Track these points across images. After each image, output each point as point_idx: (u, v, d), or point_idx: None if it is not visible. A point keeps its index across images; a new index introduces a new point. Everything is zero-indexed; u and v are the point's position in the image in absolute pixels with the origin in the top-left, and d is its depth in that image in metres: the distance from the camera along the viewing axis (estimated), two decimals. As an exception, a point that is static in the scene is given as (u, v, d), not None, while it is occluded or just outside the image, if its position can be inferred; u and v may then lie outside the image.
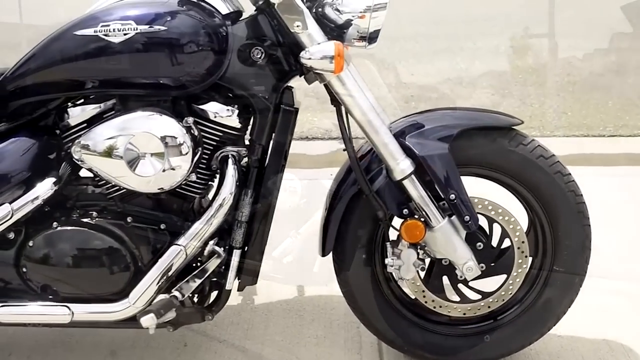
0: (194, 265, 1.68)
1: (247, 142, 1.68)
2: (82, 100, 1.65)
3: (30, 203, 1.62)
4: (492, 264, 1.74)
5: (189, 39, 1.51)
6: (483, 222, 1.73)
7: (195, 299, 1.72)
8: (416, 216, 1.66)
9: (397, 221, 1.72)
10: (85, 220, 1.65)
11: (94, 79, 1.57)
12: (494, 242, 1.75)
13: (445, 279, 1.77)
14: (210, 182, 1.70)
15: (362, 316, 1.81)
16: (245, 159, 1.66)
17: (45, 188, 1.62)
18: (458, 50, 5.05)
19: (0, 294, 1.70)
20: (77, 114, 1.62)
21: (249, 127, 1.66)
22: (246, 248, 1.68)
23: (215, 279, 1.71)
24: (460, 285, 1.78)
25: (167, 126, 1.52)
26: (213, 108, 1.59)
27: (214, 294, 1.75)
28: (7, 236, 1.67)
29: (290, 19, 1.50)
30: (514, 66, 4.73)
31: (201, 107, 1.59)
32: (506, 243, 1.75)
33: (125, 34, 1.50)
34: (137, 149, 1.51)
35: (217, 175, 1.69)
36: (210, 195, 1.74)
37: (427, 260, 1.74)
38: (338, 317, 2.07)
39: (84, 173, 1.74)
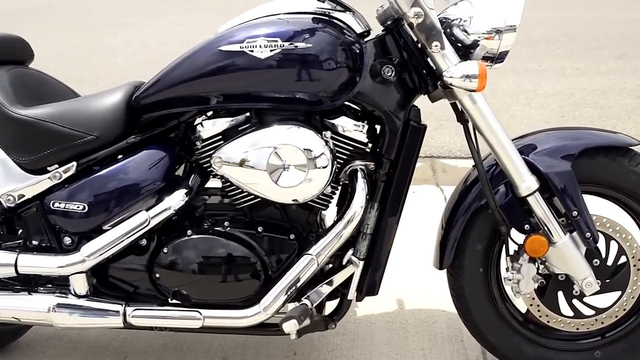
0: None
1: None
2: (210, 113, 1.72)
3: (164, 212, 1.69)
4: (607, 281, 1.77)
5: (331, 56, 1.57)
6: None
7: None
8: (538, 231, 1.70)
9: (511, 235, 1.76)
10: (218, 228, 1.72)
11: (235, 92, 1.62)
12: (609, 259, 1.77)
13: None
14: (334, 195, 1.75)
15: (476, 329, 1.85)
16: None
17: (178, 198, 1.69)
18: (523, 71, 5.07)
19: (129, 298, 1.78)
20: (210, 127, 1.68)
21: (374, 142, 1.72)
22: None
23: (336, 289, 1.76)
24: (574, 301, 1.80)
25: (309, 139, 1.58)
26: (343, 123, 1.64)
27: (328, 304, 1.81)
28: (139, 243, 1.75)
29: (428, 39, 1.55)
30: (582, 88, 4.72)
31: (332, 122, 1.65)
32: (622, 260, 1.77)
33: (271, 50, 1.56)
34: (281, 160, 1.57)
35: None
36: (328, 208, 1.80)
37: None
38: (441, 330, 2.10)
39: (209, 183, 1.81)
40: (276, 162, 1.57)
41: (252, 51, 1.57)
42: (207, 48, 1.63)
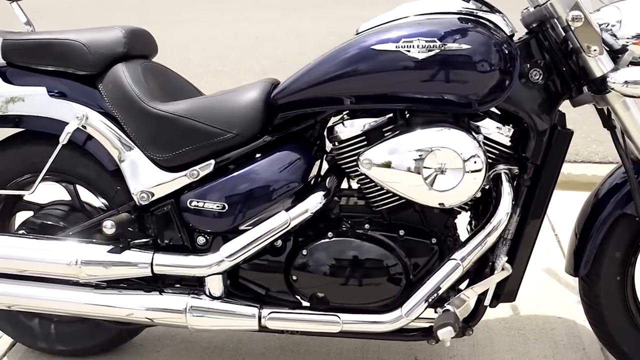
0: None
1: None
2: (346, 113, 1.70)
3: (304, 213, 1.67)
4: None
5: (486, 58, 1.54)
6: None
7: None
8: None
9: None
10: (358, 231, 1.70)
11: (383, 92, 1.59)
12: None
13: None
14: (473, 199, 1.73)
15: (609, 338, 1.81)
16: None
17: (316, 200, 1.67)
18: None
19: (261, 300, 1.77)
20: (350, 127, 1.65)
21: (516, 146, 1.68)
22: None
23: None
24: None
25: (465, 142, 1.55)
26: (488, 125, 1.62)
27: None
28: (275, 244, 1.74)
29: (586, 43, 1.52)
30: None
31: (477, 124, 1.62)
32: None
33: (429, 51, 1.53)
34: (437, 163, 1.55)
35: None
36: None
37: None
38: (561, 338, 2.07)
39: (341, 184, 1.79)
40: (432, 165, 1.55)
41: (408, 51, 1.54)
42: (355, 47, 1.60)
